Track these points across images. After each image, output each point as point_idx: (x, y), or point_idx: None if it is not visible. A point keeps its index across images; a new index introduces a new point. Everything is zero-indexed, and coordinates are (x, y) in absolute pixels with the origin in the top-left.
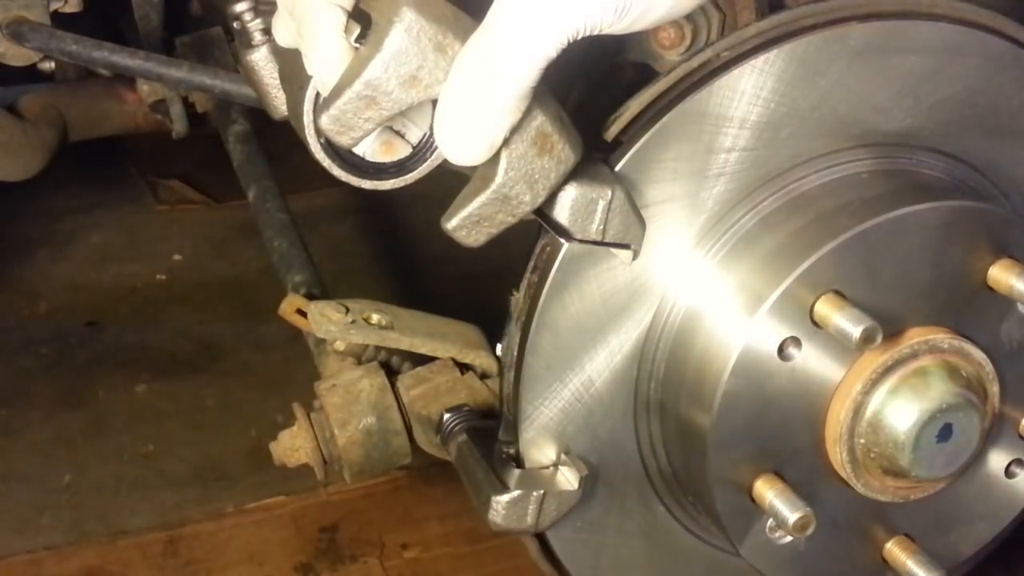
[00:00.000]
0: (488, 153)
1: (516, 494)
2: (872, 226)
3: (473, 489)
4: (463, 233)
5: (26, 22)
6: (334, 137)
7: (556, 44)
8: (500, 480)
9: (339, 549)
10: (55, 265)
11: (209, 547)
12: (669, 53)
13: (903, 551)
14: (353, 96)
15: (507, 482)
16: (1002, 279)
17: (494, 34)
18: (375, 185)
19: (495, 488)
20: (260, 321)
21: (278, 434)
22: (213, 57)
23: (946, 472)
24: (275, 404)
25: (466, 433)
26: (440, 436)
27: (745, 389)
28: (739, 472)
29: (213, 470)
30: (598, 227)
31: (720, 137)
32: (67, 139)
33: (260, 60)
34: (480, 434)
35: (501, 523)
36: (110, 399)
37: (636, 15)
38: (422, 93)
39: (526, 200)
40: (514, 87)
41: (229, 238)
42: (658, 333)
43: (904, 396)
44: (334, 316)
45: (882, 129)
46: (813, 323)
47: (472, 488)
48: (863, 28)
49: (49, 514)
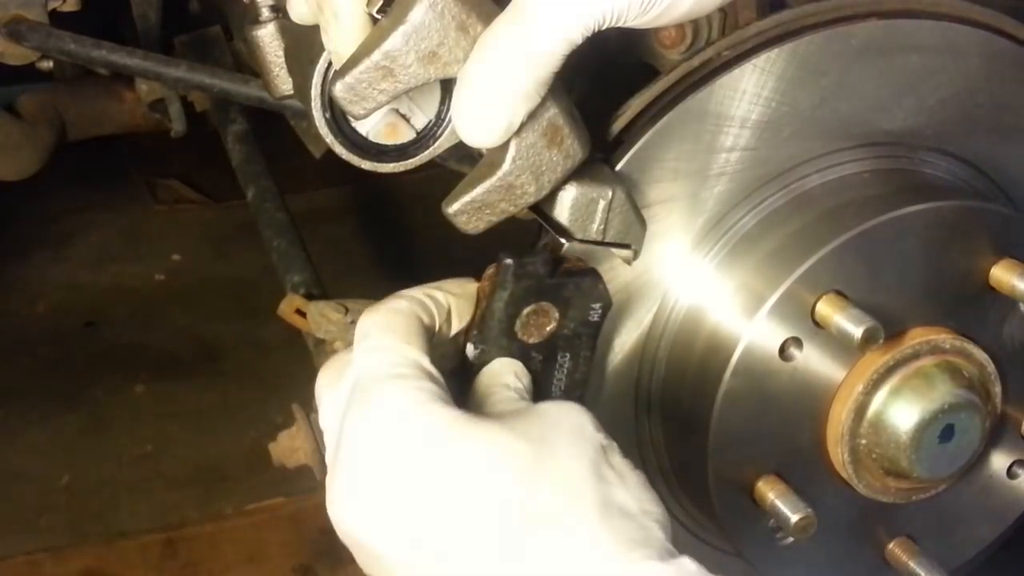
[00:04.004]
0: (504, 136)
1: None
2: (874, 226)
3: None
4: (463, 219)
5: (24, 21)
6: (346, 106)
7: (582, 30)
8: None
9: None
10: (53, 265)
11: (208, 548)
12: (670, 52)
13: (905, 552)
14: (371, 65)
15: None
16: (1004, 279)
17: (521, 16)
18: (375, 167)
19: None
20: (259, 321)
21: (277, 435)
22: (212, 56)
23: (948, 473)
24: (274, 405)
25: None
26: None
27: (746, 389)
28: (740, 473)
29: (212, 471)
30: (598, 227)
31: (721, 136)
32: (65, 138)
33: (266, 37)
34: None
35: None
36: (109, 400)
37: (661, 9)
38: (440, 71)
39: (530, 191)
40: (537, 71)
41: (228, 238)
42: (659, 333)
43: (906, 397)
44: (333, 316)
45: (884, 128)
46: (814, 323)
47: None
48: (865, 27)
49: (48, 515)
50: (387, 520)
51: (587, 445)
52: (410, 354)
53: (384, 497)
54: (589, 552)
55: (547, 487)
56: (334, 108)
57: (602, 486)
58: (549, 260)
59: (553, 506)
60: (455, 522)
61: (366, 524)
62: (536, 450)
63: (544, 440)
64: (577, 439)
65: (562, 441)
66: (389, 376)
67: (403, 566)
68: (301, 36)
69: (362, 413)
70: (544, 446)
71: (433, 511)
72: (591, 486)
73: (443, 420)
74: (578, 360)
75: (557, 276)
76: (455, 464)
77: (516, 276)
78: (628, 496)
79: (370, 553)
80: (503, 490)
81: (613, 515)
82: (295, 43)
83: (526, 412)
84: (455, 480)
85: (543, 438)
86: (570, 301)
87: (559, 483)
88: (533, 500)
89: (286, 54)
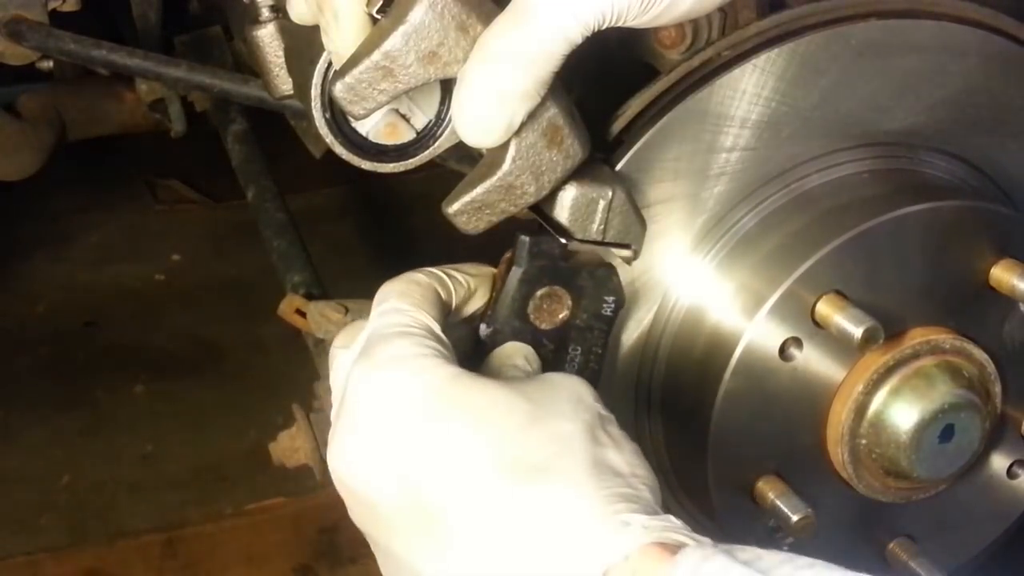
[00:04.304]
0: (504, 136)
1: None
2: (873, 226)
3: None
4: (463, 219)
5: (24, 21)
6: (346, 106)
7: (582, 30)
8: None
9: (338, 550)
10: (53, 265)
11: (208, 548)
12: (670, 52)
13: (905, 552)
14: (371, 65)
15: None
16: (1004, 279)
17: (521, 16)
18: (374, 167)
19: None
20: (259, 321)
21: (277, 435)
22: (212, 56)
23: (948, 473)
24: (274, 405)
25: None
26: None
27: (746, 389)
28: (740, 473)
29: (212, 471)
30: (599, 227)
31: (721, 136)
32: (65, 138)
33: (266, 37)
34: None
35: None
36: (109, 400)
37: (661, 8)
38: (440, 71)
39: (530, 191)
40: (537, 71)
41: (228, 238)
42: (659, 333)
43: (906, 397)
44: (333, 316)
45: (883, 128)
46: (814, 323)
47: None
48: (864, 27)
49: (47, 515)
50: (382, 465)
51: (585, 411)
52: (422, 317)
53: (380, 443)
54: (576, 502)
55: (541, 442)
56: (334, 108)
57: (595, 447)
58: (564, 246)
59: (545, 460)
60: (448, 470)
61: (362, 470)
62: (534, 409)
63: (543, 401)
64: (576, 404)
65: (561, 404)
66: (398, 333)
67: (395, 512)
68: (301, 36)
69: (367, 363)
70: (542, 406)
71: (427, 458)
72: (584, 446)
73: (445, 373)
74: (588, 356)
75: (572, 263)
76: (452, 414)
77: (531, 254)
78: (620, 459)
79: (363, 501)
80: (497, 441)
81: (603, 472)
82: (295, 43)
83: (528, 378)
84: (450, 429)
85: (542, 399)
86: (583, 290)
87: (553, 440)
88: (526, 453)
89: (286, 54)
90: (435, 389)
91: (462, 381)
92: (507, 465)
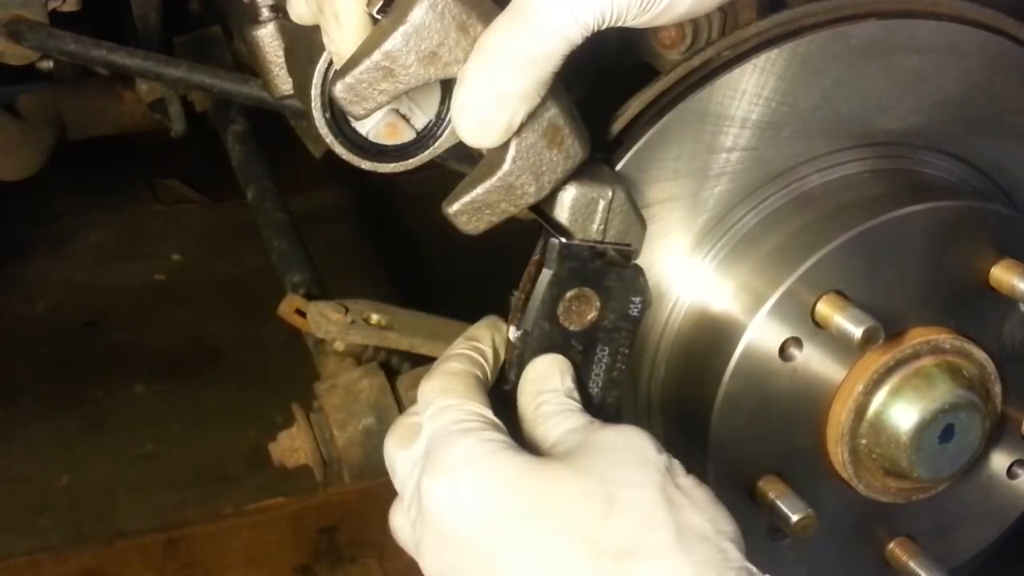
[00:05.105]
0: (504, 136)
1: None
2: (874, 226)
3: None
4: (463, 219)
5: (24, 21)
6: (346, 106)
7: (581, 30)
8: None
9: (339, 550)
10: (53, 265)
11: (208, 548)
12: (670, 52)
13: (905, 552)
14: (371, 65)
15: None
16: (1004, 279)
17: (521, 16)
18: (374, 167)
19: None
20: (259, 321)
21: (277, 435)
22: (212, 56)
23: (948, 473)
24: (274, 405)
25: None
26: None
27: (746, 389)
28: (740, 472)
29: (212, 471)
30: (598, 227)
31: (721, 136)
32: (65, 138)
33: (266, 37)
34: None
35: None
36: (109, 400)
37: (661, 8)
38: (440, 71)
39: (531, 191)
40: (537, 71)
41: (228, 238)
42: (659, 332)
43: (906, 397)
44: (334, 316)
45: (884, 128)
46: (814, 323)
47: None
48: (864, 27)
49: (48, 515)
50: (477, 573)
51: (655, 471)
52: (473, 408)
53: (471, 553)
54: None
55: (624, 524)
56: (334, 108)
57: (674, 512)
58: (593, 246)
59: (632, 543)
60: (546, 565)
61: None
62: (607, 487)
63: (614, 476)
64: (644, 466)
65: (630, 471)
66: (458, 432)
67: None
68: (301, 36)
69: (436, 471)
70: (613, 482)
71: (522, 557)
72: (664, 515)
73: (515, 467)
74: (616, 357)
75: (601, 264)
76: (534, 515)
77: (561, 256)
78: (700, 518)
79: None
80: (583, 533)
81: (689, 540)
82: (295, 43)
83: (587, 445)
84: (537, 532)
85: (612, 473)
86: (611, 291)
87: (634, 515)
88: (613, 538)
89: (286, 54)
90: (511, 490)
91: (534, 475)
92: (596, 556)
